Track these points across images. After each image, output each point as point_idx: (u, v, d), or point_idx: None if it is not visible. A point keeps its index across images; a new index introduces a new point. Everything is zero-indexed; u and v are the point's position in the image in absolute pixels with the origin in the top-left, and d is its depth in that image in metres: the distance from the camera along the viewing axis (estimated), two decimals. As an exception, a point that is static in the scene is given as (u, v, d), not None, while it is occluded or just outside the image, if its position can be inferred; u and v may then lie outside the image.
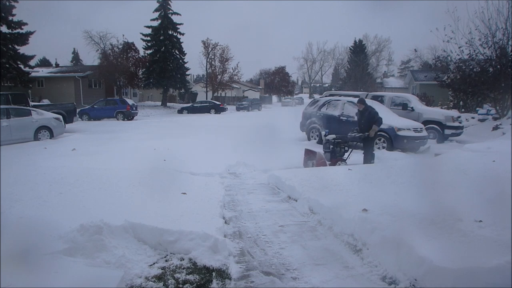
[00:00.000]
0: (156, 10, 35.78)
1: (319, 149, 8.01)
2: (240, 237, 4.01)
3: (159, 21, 35.81)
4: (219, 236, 3.54)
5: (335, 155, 7.67)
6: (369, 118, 7.60)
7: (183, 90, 39.94)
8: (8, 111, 12.04)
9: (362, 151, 7.87)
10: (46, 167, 6.28)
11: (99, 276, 2.72)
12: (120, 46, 32.67)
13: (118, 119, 23.03)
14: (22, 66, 25.38)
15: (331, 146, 7.71)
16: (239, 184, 6.65)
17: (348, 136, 7.89)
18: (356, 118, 10.69)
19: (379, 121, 7.57)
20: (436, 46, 30.74)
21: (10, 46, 24.41)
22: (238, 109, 37.54)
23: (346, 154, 7.88)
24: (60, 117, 13.74)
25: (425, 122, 12.03)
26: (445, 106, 21.87)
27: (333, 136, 7.84)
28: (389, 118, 10.64)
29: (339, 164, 7.51)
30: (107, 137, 13.31)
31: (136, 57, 33.55)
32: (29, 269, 2.61)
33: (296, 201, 5.29)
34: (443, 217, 3.52)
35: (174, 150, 9.01)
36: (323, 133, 8.20)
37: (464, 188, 4.45)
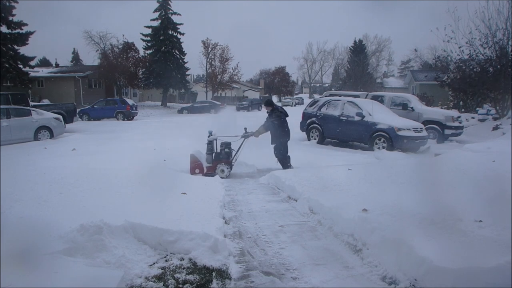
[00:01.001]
0: (156, 10, 35.84)
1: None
2: (240, 237, 4.01)
3: (159, 21, 35.85)
4: (219, 236, 3.54)
5: (219, 157, 7.20)
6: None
7: (183, 90, 39.97)
8: (8, 111, 12.05)
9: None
10: (46, 167, 6.27)
11: (99, 276, 2.72)
12: (120, 46, 32.74)
13: (118, 119, 23.04)
14: (22, 67, 25.38)
15: (213, 148, 7.24)
16: (239, 184, 6.65)
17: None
18: (355, 118, 10.78)
19: (268, 125, 7.05)
20: (436, 46, 30.84)
21: (10, 46, 24.42)
22: (238, 109, 37.53)
23: (233, 154, 7.39)
24: (60, 117, 13.75)
25: (425, 122, 12.05)
26: (445, 106, 21.88)
27: (215, 137, 7.31)
28: (389, 118, 10.68)
29: (221, 167, 7.01)
30: (107, 137, 13.31)
31: (136, 57, 33.61)
32: (29, 269, 2.61)
33: (296, 201, 5.28)
34: (443, 217, 3.52)
35: (174, 150, 9.00)
36: (207, 133, 7.43)
37: (464, 188, 4.45)
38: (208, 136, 7.35)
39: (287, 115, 7.48)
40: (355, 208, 4.07)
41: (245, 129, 7.33)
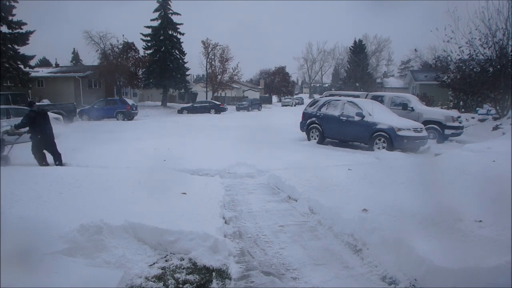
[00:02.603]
0: (156, 10, 35.81)
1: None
2: (240, 237, 4.01)
3: (159, 21, 35.82)
4: (219, 236, 3.54)
5: None
6: None
7: (183, 90, 39.94)
8: (8, 111, 12.05)
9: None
10: (46, 167, 6.29)
11: (99, 276, 2.72)
12: (120, 46, 32.65)
13: (118, 119, 23.02)
14: (22, 66, 25.37)
15: None
16: (239, 184, 6.65)
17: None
18: (355, 118, 10.78)
19: (20, 123, 7.49)
20: (436, 46, 30.66)
21: (10, 46, 24.40)
22: (238, 109, 37.54)
23: (6, 150, 7.75)
24: (60, 117, 13.76)
25: (425, 122, 12.04)
26: (445, 106, 21.87)
27: None
28: (389, 118, 10.67)
29: None
30: (106, 137, 13.29)
31: (136, 57, 33.52)
32: (29, 269, 2.61)
33: (296, 201, 5.29)
34: (443, 217, 3.53)
35: (174, 150, 9.00)
36: None
37: (464, 188, 4.46)
38: None
39: (40, 114, 7.69)
40: (355, 208, 4.07)
41: (11, 126, 7.90)
